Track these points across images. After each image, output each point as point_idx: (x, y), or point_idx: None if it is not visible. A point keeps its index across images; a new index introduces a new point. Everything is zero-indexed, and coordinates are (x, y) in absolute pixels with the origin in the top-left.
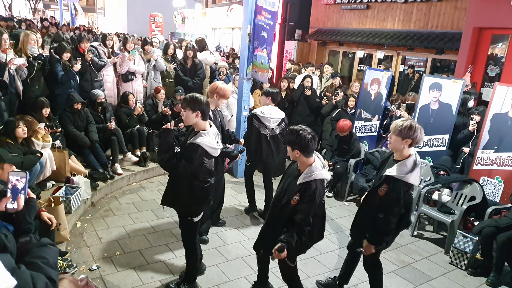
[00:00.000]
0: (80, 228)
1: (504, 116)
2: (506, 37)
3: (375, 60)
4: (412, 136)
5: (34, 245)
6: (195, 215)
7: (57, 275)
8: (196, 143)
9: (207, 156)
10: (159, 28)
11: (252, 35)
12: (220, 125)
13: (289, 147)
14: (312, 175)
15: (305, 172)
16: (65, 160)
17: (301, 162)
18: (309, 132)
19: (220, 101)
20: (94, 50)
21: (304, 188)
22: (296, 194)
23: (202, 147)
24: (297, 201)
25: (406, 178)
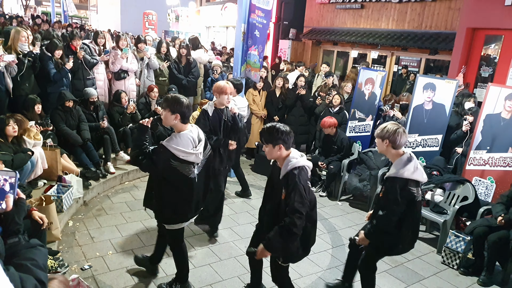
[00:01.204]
0: (72, 227)
1: (497, 117)
2: (499, 38)
3: (369, 60)
4: (389, 137)
5: (23, 247)
6: (172, 222)
7: (47, 277)
8: (162, 145)
9: (174, 159)
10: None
11: (246, 34)
12: (229, 125)
13: (269, 145)
14: (289, 164)
15: (284, 165)
16: (57, 159)
17: (281, 157)
18: (283, 125)
19: (222, 98)
20: (86, 47)
21: (287, 179)
22: (282, 188)
23: (168, 149)
24: (285, 195)
25: (400, 174)
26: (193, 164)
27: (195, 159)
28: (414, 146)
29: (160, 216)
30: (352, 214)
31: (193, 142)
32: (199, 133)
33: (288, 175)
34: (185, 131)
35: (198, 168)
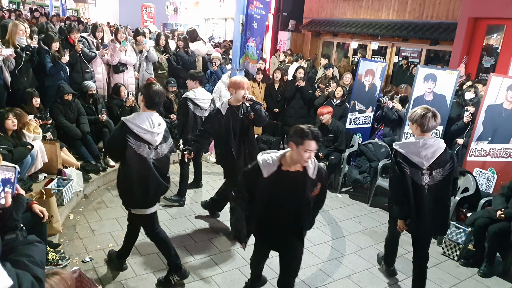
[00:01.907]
0: (72, 221)
1: (499, 107)
2: (501, 28)
3: (369, 51)
4: (417, 120)
5: (20, 243)
6: (130, 207)
7: (44, 274)
8: (121, 120)
9: (130, 133)
10: (151, 19)
11: (245, 25)
12: (246, 121)
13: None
14: (314, 161)
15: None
16: (57, 152)
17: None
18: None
19: (238, 94)
20: (85, 41)
21: (321, 175)
22: (317, 184)
23: (125, 123)
24: (319, 190)
25: (395, 145)
26: (149, 144)
27: (150, 138)
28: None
29: (122, 199)
30: (352, 206)
31: (151, 123)
32: (161, 120)
33: (320, 171)
34: (145, 112)
35: (156, 153)
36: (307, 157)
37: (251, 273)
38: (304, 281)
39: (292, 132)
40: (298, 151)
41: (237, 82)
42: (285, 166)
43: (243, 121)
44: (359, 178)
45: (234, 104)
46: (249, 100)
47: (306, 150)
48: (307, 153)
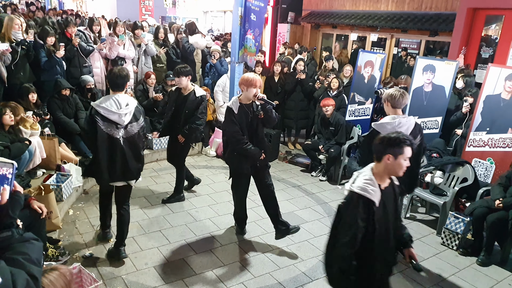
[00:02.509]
0: (72, 216)
1: (497, 98)
2: (500, 18)
3: (368, 43)
4: (388, 98)
5: (16, 240)
6: (96, 177)
7: (40, 272)
8: (91, 104)
9: (99, 116)
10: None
11: (244, 18)
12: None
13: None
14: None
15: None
16: (55, 148)
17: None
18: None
19: (249, 92)
20: (82, 35)
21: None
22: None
23: (94, 107)
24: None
25: (374, 125)
26: (117, 124)
27: (117, 119)
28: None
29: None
30: None
31: (117, 104)
32: (129, 100)
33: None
34: (111, 94)
35: (126, 132)
36: (406, 165)
37: None
38: (305, 273)
39: (385, 143)
40: (398, 161)
41: (249, 79)
42: (382, 184)
43: (253, 120)
44: (359, 169)
45: (245, 102)
46: (260, 99)
47: (406, 159)
48: (406, 161)
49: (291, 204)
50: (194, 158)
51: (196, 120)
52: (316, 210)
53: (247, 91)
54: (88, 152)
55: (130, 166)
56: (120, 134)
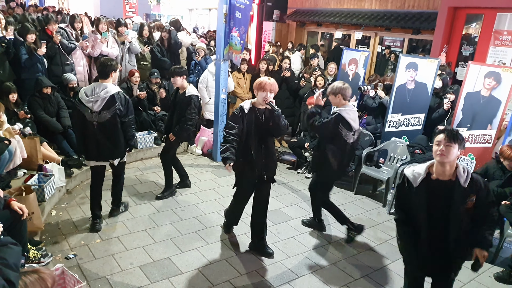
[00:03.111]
0: (55, 217)
1: (477, 95)
2: (480, 17)
3: (353, 41)
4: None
5: None
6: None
7: (17, 277)
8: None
9: (79, 101)
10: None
11: (229, 15)
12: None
13: (456, 145)
14: (468, 170)
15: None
16: (37, 148)
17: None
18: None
19: (259, 96)
20: (63, 32)
21: (473, 185)
22: (470, 195)
23: (79, 92)
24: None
25: (340, 111)
26: (90, 110)
27: (90, 105)
28: (398, 125)
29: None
30: (337, 194)
31: (92, 91)
32: (108, 89)
33: (474, 180)
34: (94, 83)
35: (99, 117)
36: (435, 150)
37: None
38: (291, 270)
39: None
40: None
41: (259, 83)
42: (434, 175)
43: (263, 126)
44: None
45: (257, 106)
46: (267, 103)
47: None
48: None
49: (277, 201)
50: (179, 156)
51: (186, 120)
52: (302, 207)
53: (258, 94)
54: (72, 152)
55: (104, 148)
56: (94, 119)
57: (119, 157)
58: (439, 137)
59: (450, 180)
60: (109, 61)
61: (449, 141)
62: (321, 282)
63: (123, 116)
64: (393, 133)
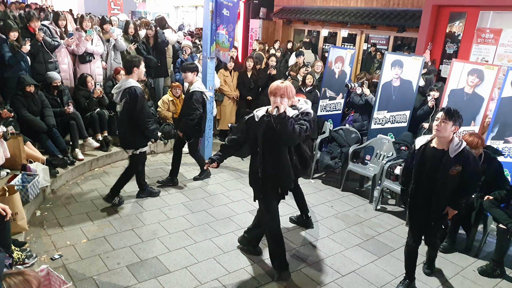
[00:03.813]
0: (40, 217)
1: (461, 92)
2: (463, 15)
3: (339, 39)
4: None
5: None
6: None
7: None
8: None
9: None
10: (118, 7)
11: (215, 13)
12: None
13: (450, 122)
14: (461, 144)
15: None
16: (20, 147)
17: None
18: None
19: (271, 101)
20: (46, 29)
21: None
22: (457, 165)
23: None
24: (458, 172)
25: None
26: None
27: (115, 97)
28: (383, 122)
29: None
30: (324, 191)
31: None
32: (123, 84)
33: (464, 153)
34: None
35: (118, 108)
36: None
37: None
38: None
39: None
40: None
41: (272, 87)
42: (433, 144)
43: (276, 134)
44: (331, 163)
45: (272, 113)
46: (275, 107)
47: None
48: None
49: None
50: (166, 155)
51: (187, 116)
52: (289, 204)
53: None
54: (56, 151)
55: (119, 138)
56: (117, 110)
57: (128, 147)
58: (439, 114)
59: (442, 150)
60: (133, 57)
61: (445, 119)
62: (308, 279)
63: (131, 110)
64: (379, 130)
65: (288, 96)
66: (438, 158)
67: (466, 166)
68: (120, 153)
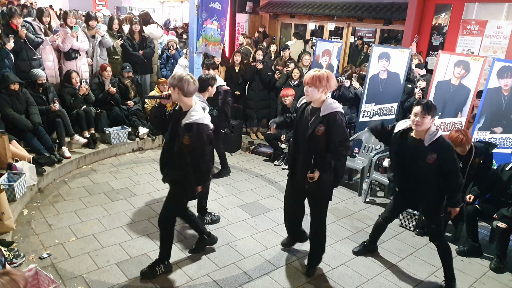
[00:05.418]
0: (27, 216)
1: (447, 83)
2: (448, 7)
3: (326, 32)
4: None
5: None
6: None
7: None
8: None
9: None
10: (103, 3)
11: (200, 7)
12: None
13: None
14: (436, 133)
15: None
16: (5, 146)
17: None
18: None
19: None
20: (29, 26)
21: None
22: (431, 154)
23: None
24: (434, 160)
25: (201, 120)
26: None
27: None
28: (371, 115)
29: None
30: None
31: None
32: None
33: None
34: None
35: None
36: (412, 120)
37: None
38: (270, 261)
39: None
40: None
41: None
42: (413, 133)
43: (309, 132)
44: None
45: (314, 105)
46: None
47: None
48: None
49: (255, 193)
50: (154, 151)
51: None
52: (279, 199)
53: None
54: (43, 149)
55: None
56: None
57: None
58: (416, 109)
59: (420, 139)
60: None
61: (423, 114)
62: (299, 272)
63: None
64: (367, 123)
65: (314, 85)
66: (416, 148)
67: (441, 154)
68: (107, 150)
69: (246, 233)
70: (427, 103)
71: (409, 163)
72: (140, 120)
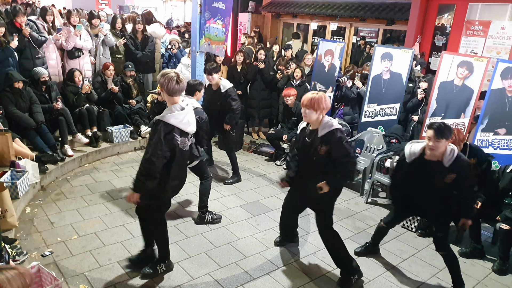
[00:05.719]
0: (30, 214)
1: (450, 84)
2: (452, 7)
3: (328, 32)
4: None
5: None
6: None
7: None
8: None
9: None
10: (106, 1)
11: (203, 6)
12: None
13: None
14: (454, 153)
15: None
16: (8, 144)
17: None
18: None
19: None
20: (33, 24)
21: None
22: (450, 174)
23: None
24: (452, 179)
25: (167, 119)
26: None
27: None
28: (373, 115)
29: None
30: None
31: None
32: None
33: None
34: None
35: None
36: (426, 144)
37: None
38: (271, 261)
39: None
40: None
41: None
42: (427, 156)
43: (313, 156)
44: None
45: (312, 127)
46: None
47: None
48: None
49: (256, 193)
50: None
51: (234, 111)
52: (280, 198)
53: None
54: (45, 147)
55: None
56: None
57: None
58: (429, 133)
59: (438, 161)
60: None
61: (437, 138)
62: (301, 272)
63: None
64: (369, 123)
65: (312, 108)
66: (432, 168)
67: (461, 173)
68: (109, 148)
69: (247, 232)
70: (440, 127)
71: (421, 180)
72: (142, 118)
